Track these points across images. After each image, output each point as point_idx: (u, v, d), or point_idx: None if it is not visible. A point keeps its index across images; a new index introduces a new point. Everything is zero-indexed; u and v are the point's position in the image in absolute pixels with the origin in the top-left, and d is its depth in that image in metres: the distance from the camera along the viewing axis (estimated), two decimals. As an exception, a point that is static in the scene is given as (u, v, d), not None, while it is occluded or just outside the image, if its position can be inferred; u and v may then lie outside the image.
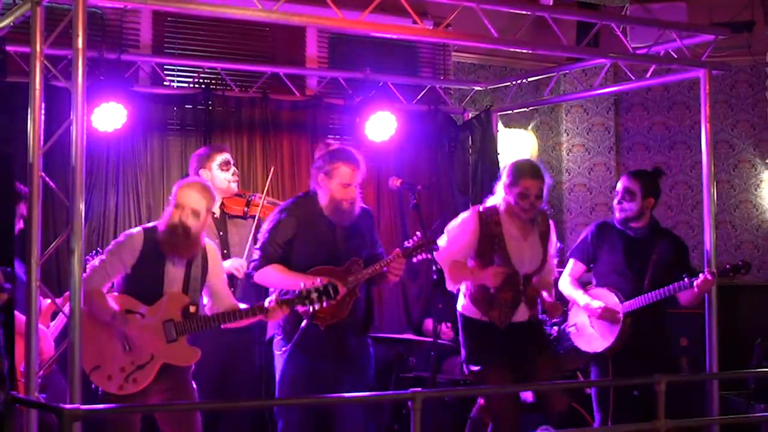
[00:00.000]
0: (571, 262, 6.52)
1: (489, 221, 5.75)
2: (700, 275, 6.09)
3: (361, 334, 5.82)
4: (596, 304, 6.26)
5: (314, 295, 5.17)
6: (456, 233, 5.77)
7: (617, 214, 6.38)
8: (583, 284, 6.53)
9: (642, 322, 6.22)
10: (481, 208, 5.84)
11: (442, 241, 5.71)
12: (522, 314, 5.78)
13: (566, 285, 6.47)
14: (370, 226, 5.93)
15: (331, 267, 5.56)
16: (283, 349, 5.66)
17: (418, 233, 5.58)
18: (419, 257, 5.60)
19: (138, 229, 5.40)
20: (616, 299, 6.25)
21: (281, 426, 5.69)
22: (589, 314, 6.33)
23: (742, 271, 6.25)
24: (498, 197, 5.84)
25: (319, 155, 5.81)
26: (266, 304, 5.23)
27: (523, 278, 5.79)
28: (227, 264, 6.13)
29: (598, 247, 6.43)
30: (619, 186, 6.39)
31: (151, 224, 5.46)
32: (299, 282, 5.27)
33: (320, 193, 5.69)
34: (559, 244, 6.12)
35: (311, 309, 5.20)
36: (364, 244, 5.79)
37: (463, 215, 5.87)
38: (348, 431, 5.73)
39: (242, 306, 5.38)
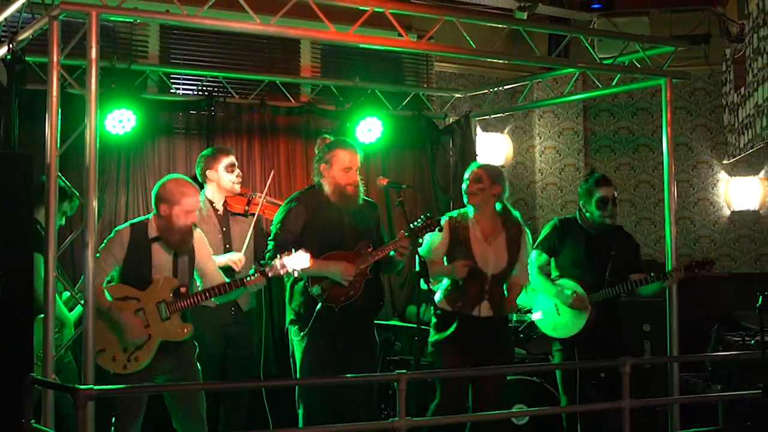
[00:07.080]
0: (535, 253, 6.46)
1: (458, 226, 5.95)
2: (669, 273, 6.28)
3: (372, 316, 5.82)
4: (569, 292, 6.29)
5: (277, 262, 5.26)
6: (432, 238, 5.90)
7: (606, 221, 6.34)
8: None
9: (603, 311, 6.28)
10: (454, 214, 6.06)
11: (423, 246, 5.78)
12: (485, 310, 5.89)
13: (534, 275, 6.45)
14: (377, 217, 5.91)
15: (342, 252, 5.57)
16: (302, 334, 5.60)
17: (422, 216, 5.63)
18: (424, 236, 5.66)
19: (126, 224, 5.43)
20: (582, 289, 6.29)
21: (303, 410, 5.61)
22: (561, 302, 6.35)
23: (707, 268, 6.30)
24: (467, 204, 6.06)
25: (319, 149, 5.83)
26: (247, 277, 5.30)
27: (491, 279, 5.91)
28: (225, 257, 6.11)
29: (562, 240, 6.45)
30: (603, 195, 6.32)
31: (138, 219, 5.49)
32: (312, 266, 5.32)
33: (324, 182, 5.68)
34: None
35: (319, 291, 5.40)
36: (372, 229, 5.79)
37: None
38: (356, 409, 5.67)
39: (228, 280, 5.42)
